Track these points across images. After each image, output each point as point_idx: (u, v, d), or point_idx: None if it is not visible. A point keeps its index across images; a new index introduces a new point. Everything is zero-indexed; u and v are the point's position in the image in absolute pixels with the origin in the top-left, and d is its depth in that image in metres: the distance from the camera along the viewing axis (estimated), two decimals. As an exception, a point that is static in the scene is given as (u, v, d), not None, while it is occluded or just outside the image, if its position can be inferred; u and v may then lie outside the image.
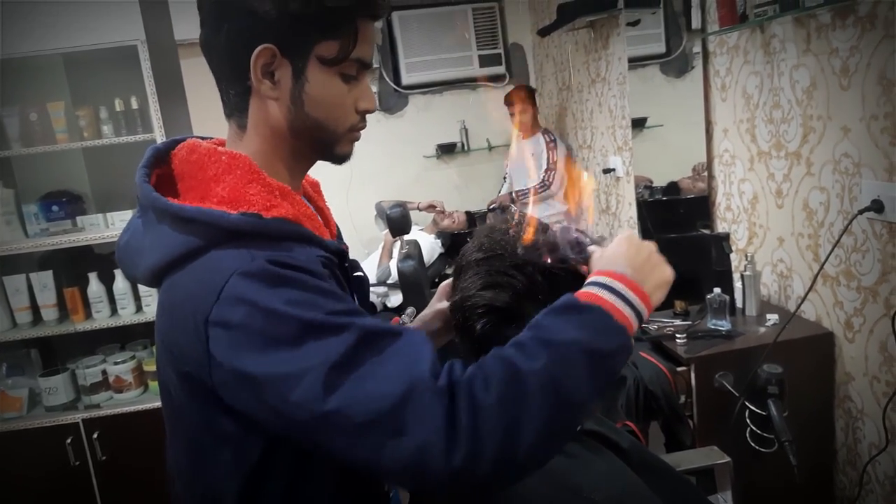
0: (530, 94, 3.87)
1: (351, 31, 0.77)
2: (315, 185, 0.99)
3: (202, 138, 0.88)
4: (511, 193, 3.93)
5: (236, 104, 0.81)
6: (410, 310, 1.23)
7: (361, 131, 0.85)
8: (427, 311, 1.04)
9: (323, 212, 0.96)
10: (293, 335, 0.67)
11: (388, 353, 0.67)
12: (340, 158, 0.85)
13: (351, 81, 0.80)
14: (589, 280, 0.77)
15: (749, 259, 2.07)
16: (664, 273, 0.80)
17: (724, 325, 1.95)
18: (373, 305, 1.02)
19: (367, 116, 0.85)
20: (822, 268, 1.82)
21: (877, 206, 1.62)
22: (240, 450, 0.75)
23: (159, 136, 2.32)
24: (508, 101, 3.89)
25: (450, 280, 0.98)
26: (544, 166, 3.77)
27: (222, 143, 0.86)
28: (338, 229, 0.99)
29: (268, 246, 0.72)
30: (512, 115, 3.88)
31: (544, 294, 0.84)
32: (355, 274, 0.95)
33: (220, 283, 0.69)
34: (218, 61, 0.80)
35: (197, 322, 0.70)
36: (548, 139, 3.79)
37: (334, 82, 0.79)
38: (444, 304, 1.00)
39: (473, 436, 0.64)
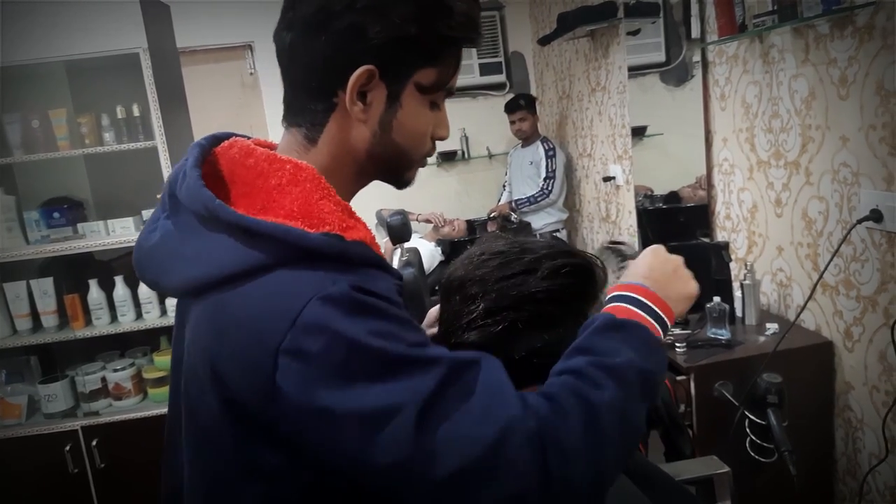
0: (530, 102, 3.88)
1: (454, 59, 0.75)
2: None
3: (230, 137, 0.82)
4: (511, 202, 3.94)
5: (313, 117, 0.74)
6: None
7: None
8: (431, 315, 1.00)
9: None
10: (379, 369, 0.62)
11: (476, 390, 0.64)
12: (405, 183, 0.81)
13: (435, 109, 0.77)
14: (611, 295, 0.77)
15: (748, 268, 2.07)
16: (688, 287, 0.82)
17: (723, 334, 1.95)
18: None
19: None
20: (821, 277, 1.83)
21: (875, 216, 1.62)
22: (276, 488, 0.69)
23: (160, 144, 2.33)
24: (509, 108, 3.90)
25: None
26: (543, 174, 3.78)
27: (263, 145, 0.79)
28: None
29: (346, 270, 0.66)
30: (512, 122, 3.89)
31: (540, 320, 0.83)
32: None
33: (295, 309, 0.62)
34: (302, 70, 0.73)
35: (264, 350, 0.63)
36: (547, 147, 3.80)
37: (425, 110, 0.76)
38: None
39: (568, 485, 0.63)
